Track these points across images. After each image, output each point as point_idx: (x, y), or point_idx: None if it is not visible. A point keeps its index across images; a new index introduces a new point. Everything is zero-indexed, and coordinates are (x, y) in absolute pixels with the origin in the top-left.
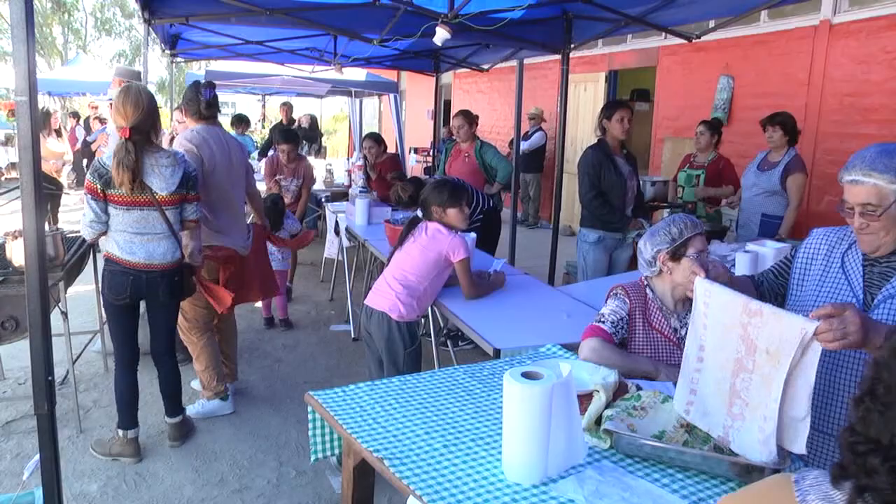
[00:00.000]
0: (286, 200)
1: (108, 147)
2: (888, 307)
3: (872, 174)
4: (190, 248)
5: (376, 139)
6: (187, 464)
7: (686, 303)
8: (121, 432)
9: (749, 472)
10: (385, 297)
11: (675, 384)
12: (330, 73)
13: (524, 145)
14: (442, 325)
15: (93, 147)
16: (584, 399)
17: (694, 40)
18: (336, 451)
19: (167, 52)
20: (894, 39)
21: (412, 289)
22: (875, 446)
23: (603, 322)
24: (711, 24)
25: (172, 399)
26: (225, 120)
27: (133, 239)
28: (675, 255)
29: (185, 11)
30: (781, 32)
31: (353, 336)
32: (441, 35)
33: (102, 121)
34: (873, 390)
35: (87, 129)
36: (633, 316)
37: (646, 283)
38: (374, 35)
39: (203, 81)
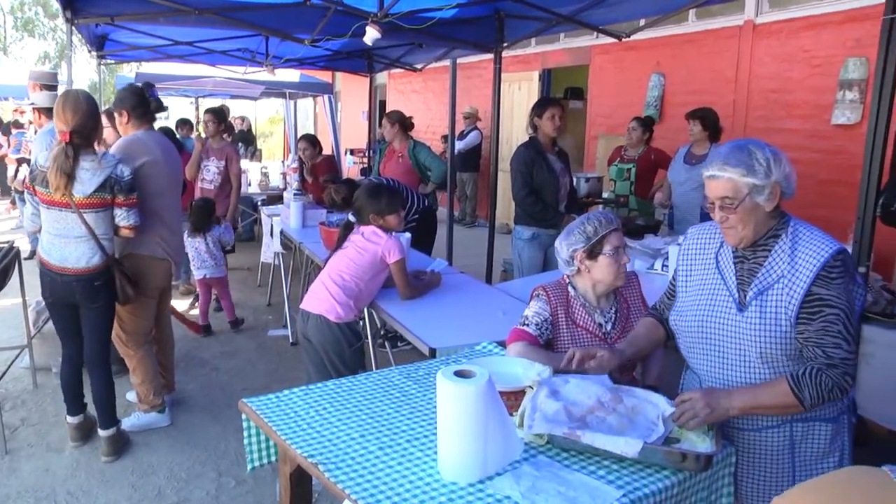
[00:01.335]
0: (204, 186)
1: (31, 152)
2: (759, 304)
3: (727, 168)
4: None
5: (311, 141)
6: (123, 479)
7: (609, 297)
8: (67, 417)
9: (683, 461)
10: (321, 299)
11: (610, 376)
12: (263, 74)
13: (460, 145)
14: (379, 326)
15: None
16: (519, 395)
17: (624, 39)
18: (273, 459)
19: (94, 53)
20: (811, 39)
21: (348, 289)
22: None
23: (527, 325)
24: (641, 23)
25: (104, 411)
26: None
27: (53, 240)
28: (592, 253)
29: (109, 11)
30: (709, 32)
31: (291, 341)
32: (371, 35)
33: (18, 125)
34: None
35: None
36: (555, 315)
37: (567, 281)
38: (306, 35)
39: (137, 84)
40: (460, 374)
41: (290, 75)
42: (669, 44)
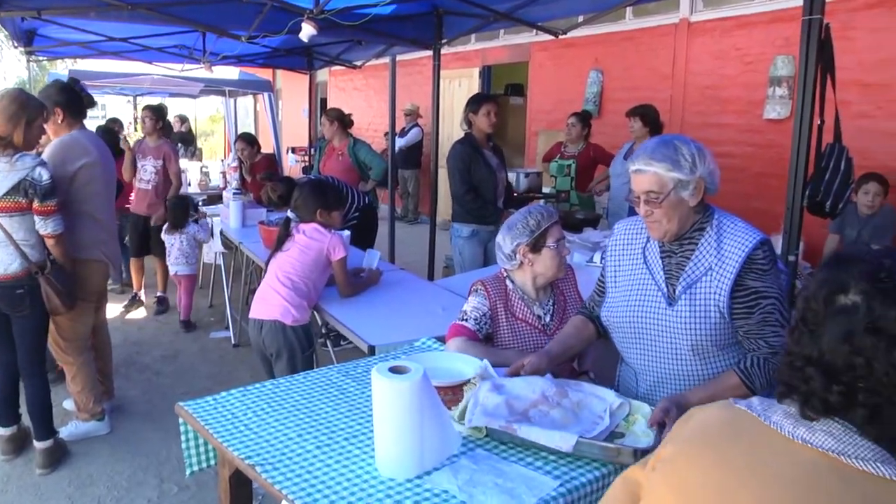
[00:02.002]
0: (141, 186)
1: None
2: (688, 297)
3: (652, 163)
4: None
5: (248, 140)
6: (59, 491)
7: (547, 289)
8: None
9: (619, 455)
10: (273, 304)
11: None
12: (201, 71)
13: (401, 142)
14: (321, 325)
15: None
16: (457, 390)
17: (560, 36)
18: (212, 462)
19: (21, 49)
20: (743, 38)
21: (298, 290)
22: (808, 360)
23: (466, 320)
24: (580, 20)
25: (40, 422)
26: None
27: None
28: (536, 246)
29: (35, 4)
30: (646, 29)
31: (233, 342)
32: (307, 31)
33: None
34: (804, 318)
35: None
36: (495, 309)
37: (505, 274)
38: (242, 32)
39: (62, 80)
40: (395, 371)
41: (229, 73)
42: (607, 41)
